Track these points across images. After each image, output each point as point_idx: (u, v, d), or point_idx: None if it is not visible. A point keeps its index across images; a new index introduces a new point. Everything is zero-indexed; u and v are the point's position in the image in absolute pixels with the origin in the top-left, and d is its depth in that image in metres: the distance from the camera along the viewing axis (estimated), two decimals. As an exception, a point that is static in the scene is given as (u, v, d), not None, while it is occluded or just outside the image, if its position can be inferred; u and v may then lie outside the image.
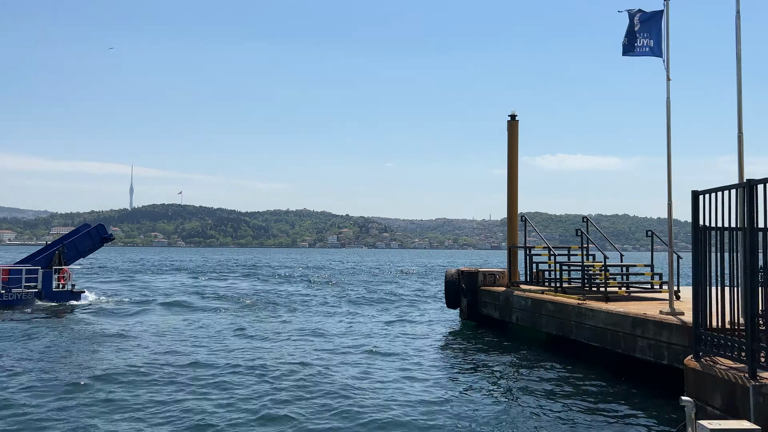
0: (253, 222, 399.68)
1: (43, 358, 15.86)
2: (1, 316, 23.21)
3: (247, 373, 14.20)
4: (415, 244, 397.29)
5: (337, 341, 19.19)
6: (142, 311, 27.37)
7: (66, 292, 27.82)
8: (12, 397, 11.81)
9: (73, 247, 29.55)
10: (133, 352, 16.80)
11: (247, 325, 22.51)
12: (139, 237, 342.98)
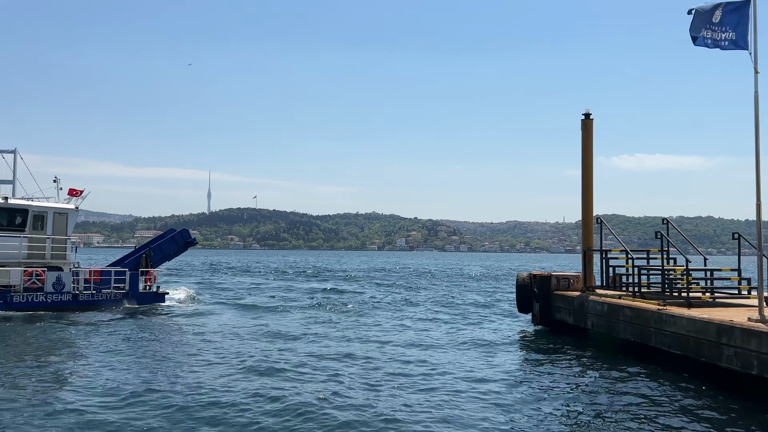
0: (323, 225, 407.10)
1: (133, 353, 16.87)
2: (93, 316, 24.70)
3: (318, 371, 14.57)
4: (485, 247, 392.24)
5: (407, 344, 19.29)
6: (221, 311, 28.56)
7: (151, 293, 29.00)
8: (109, 392, 12.64)
9: (159, 251, 30.94)
10: (216, 348, 17.60)
11: (320, 327, 23.03)
12: (217, 240, 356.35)
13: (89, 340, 18.92)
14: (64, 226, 27.12)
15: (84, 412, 10.96)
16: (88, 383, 13.23)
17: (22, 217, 26.07)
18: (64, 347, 17.79)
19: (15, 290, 24.89)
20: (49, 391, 12.48)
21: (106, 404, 11.53)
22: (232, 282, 50.90)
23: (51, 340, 18.85)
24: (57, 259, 26.75)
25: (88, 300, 26.64)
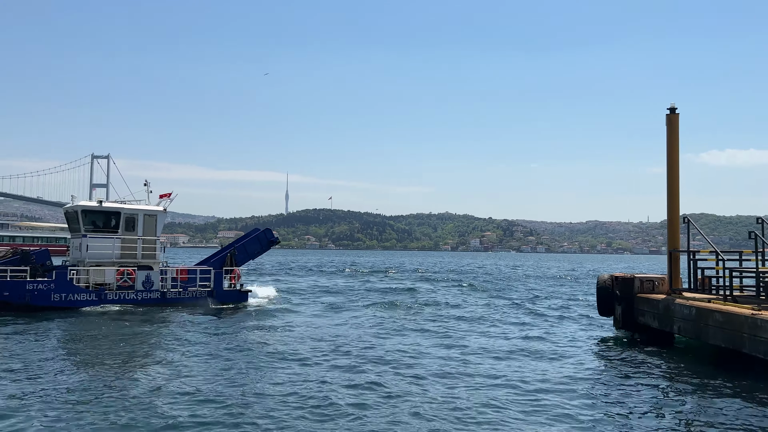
0: (397, 225, 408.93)
1: (219, 348, 17.57)
2: (180, 313, 25.86)
3: (399, 370, 14.65)
4: (563, 248, 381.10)
5: (488, 346, 19.07)
6: (304, 308, 29.44)
7: (235, 291, 29.83)
8: (204, 386, 13.26)
9: (243, 250, 31.82)
10: (297, 342, 18.09)
11: (401, 326, 23.14)
12: (294, 240, 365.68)
13: (177, 337, 19.83)
14: (154, 227, 28.54)
15: (173, 408, 11.53)
16: (174, 379, 13.90)
17: (115, 220, 27.67)
18: (152, 342, 18.78)
19: (109, 288, 26.57)
20: (138, 386, 13.20)
21: (193, 399, 12.07)
22: (311, 281, 51.99)
23: (140, 336, 19.94)
24: (147, 258, 28.20)
25: (174, 298, 27.94)
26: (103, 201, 28.88)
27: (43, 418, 10.50)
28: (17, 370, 14.20)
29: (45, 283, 25.19)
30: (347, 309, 29.52)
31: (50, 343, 18.17)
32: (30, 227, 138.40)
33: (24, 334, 19.53)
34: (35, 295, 24.95)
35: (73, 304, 25.49)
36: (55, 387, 12.65)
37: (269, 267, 79.92)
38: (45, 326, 21.26)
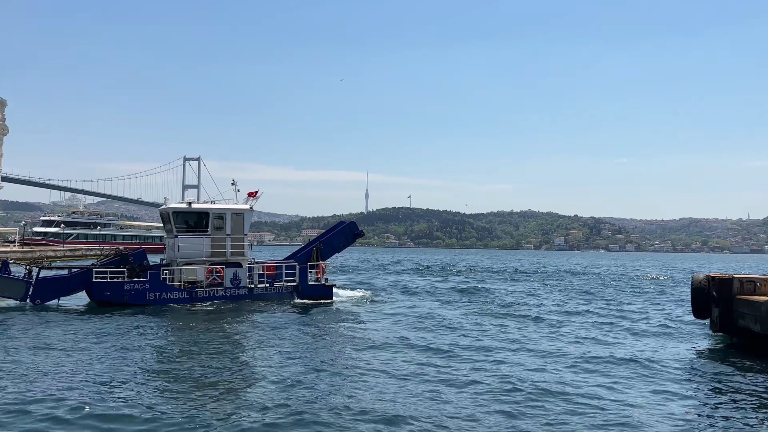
0: (477, 224, 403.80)
1: (310, 341, 18.07)
2: (267, 308, 26.61)
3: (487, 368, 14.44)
4: (654, 247, 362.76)
5: (579, 347, 18.47)
6: (386, 303, 29.82)
7: (320, 286, 30.23)
8: (290, 377, 13.64)
9: (328, 244, 32.45)
10: (383, 337, 18.24)
11: (479, 324, 22.84)
12: (374, 238, 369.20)
13: (265, 331, 20.49)
14: (241, 225, 29.43)
15: (263, 402, 11.93)
16: (266, 373, 14.36)
17: (204, 219, 28.73)
18: (241, 337, 19.49)
19: (199, 286, 27.73)
20: (229, 380, 13.73)
21: (280, 393, 12.44)
22: (391, 278, 52.22)
23: (230, 331, 20.76)
24: (236, 256, 29.11)
25: (261, 293, 28.80)
26: (193, 202, 30.16)
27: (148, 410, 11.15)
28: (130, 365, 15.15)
29: (140, 283, 26.62)
30: (429, 306, 29.41)
31: (147, 339, 19.25)
32: (129, 226, 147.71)
33: (126, 330, 20.84)
34: (132, 294, 26.43)
35: (166, 302, 26.77)
36: (156, 381, 13.40)
37: (351, 263, 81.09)
38: (143, 324, 22.57)
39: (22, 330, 19.61)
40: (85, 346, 16.77)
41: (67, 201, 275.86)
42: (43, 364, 14.45)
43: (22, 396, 11.58)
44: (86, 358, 15.13)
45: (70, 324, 21.12)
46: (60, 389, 12.08)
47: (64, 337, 18.36)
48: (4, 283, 25.79)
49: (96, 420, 10.30)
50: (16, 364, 14.35)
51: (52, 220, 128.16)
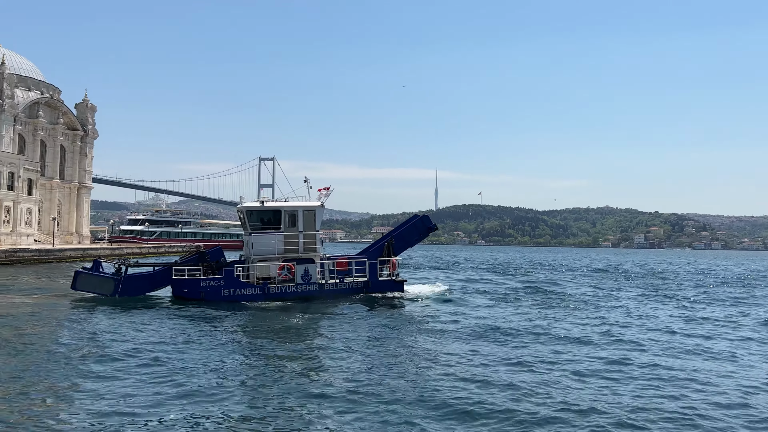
0: (551, 221, 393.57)
1: (378, 337, 17.81)
2: (338, 304, 26.68)
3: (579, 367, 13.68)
4: (743, 245, 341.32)
5: (699, 349, 17.32)
6: (458, 300, 29.24)
7: (390, 281, 30.01)
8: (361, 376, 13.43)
9: (401, 239, 32.02)
10: (458, 332, 17.78)
11: (557, 321, 21.89)
12: (444, 236, 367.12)
13: (337, 327, 20.38)
14: (313, 222, 29.66)
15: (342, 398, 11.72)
16: (344, 368, 14.19)
17: (277, 217, 29.15)
18: (315, 332, 19.47)
19: (271, 282, 28.15)
20: (304, 375, 13.64)
21: (358, 388, 12.21)
22: (463, 275, 51.49)
23: (303, 326, 20.83)
24: (308, 252, 29.36)
25: (332, 289, 28.87)
26: (266, 200, 30.73)
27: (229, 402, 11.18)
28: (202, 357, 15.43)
29: (216, 280, 27.46)
30: (504, 304, 28.56)
31: (224, 335, 19.59)
32: (208, 224, 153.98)
33: (203, 327, 21.34)
34: (208, 291, 27.27)
35: (240, 298, 27.34)
36: (238, 374, 13.50)
37: (422, 261, 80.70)
38: (218, 319, 23.06)
39: (134, 324, 20.42)
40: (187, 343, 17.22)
41: (151, 200, 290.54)
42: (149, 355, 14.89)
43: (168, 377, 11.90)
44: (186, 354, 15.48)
45: (169, 323, 21.82)
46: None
47: (176, 336, 18.93)
48: (96, 280, 27.53)
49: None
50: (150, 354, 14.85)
51: (137, 219, 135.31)
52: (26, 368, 13.58)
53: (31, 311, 23.29)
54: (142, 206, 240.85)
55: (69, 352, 15.48)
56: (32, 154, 78.33)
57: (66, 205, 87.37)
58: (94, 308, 24.56)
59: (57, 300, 27.28)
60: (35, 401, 11.14)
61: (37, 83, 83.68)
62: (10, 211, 67.55)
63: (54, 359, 14.63)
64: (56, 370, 13.51)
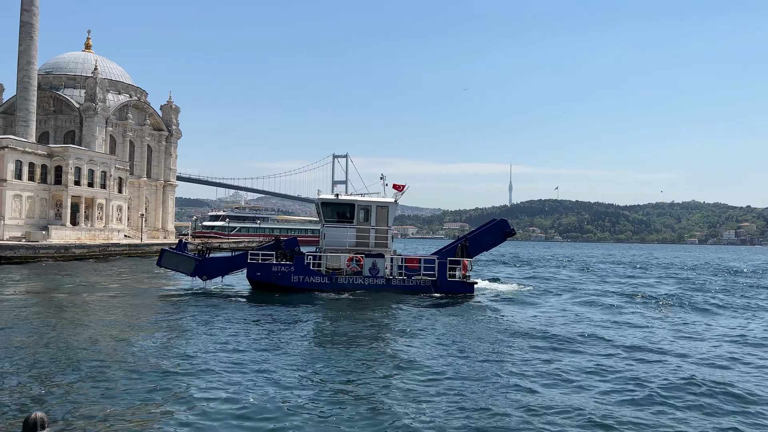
0: (632, 216, 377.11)
1: (448, 337, 17.68)
2: (404, 300, 26.53)
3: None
4: None
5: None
6: (534, 300, 28.38)
7: (460, 282, 29.46)
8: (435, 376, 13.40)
9: (476, 242, 31.67)
10: (532, 335, 17.37)
11: (658, 325, 20.96)
12: (519, 232, 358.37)
13: (403, 322, 20.45)
14: (386, 217, 30.02)
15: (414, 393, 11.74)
16: (412, 363, 14.20)
17: (350, 211, 29.83)
18: (381, 327, 19.57)
19: (340, 273, 28.81)
20: (373, 366, 13.74)
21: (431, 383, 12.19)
22: (541, 273, 50.30)
23: (372, 319, 20.95)
24: (379, 247, 29.72)
25: (399, 285, 28.92)
26: (340, 194, 31.31)
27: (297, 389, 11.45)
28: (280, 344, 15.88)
29: (287, 266, 28.85)
30: (584, 304, 27.61)
31: (295, 322, 20.04)
32: (285, 220, 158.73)
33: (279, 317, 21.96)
34: (278, 275, 28.72)
35: (308, 285, 28.38)
36: (301, 362, 13.81)
37: (499, 258, 79.45)
38: (290, 306, 23.64)
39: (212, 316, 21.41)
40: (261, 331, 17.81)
41: (231, 197, 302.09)
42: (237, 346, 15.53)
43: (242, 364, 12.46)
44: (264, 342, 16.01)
45: (240, 313, 22.66)
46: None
47: (241, 325, 19.68)
48: (179, 258, 29.81)
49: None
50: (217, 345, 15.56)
51: (218, 215, 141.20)
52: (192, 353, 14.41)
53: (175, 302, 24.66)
54: (223, 203, 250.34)
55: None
56: (122, 154, 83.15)
57: (153, 202, 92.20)
58: (181, 301, 25.79)
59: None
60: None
61: (126, 87, 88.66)
62: (103, 208, 72.07)
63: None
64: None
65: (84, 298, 25.98)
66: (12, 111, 77.88)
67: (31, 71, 71.40)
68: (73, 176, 66.89)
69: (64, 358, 13.94)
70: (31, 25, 71.54)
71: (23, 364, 13.22)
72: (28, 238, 56.88)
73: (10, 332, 17.02)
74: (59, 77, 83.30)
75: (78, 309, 22.63)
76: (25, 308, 22.62)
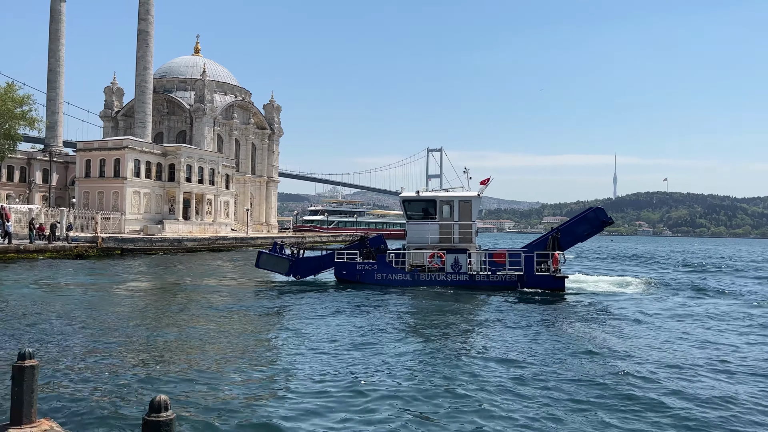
0: (751, 209, 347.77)
1: (530, 338, 16.94)
2: (490, 296, 25.84)
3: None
4: None
5: None
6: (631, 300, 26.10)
7: (548, 277, 27.81)
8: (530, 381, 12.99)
9: (569, 232, 29.96)
10: (635, 336, 16.51)
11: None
12: (624, 226, 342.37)
13: (489, 320, 19.77)
14: (469, 212, 29.48)
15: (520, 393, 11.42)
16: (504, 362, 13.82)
17: (432, 207, 29.66)
18: (469, 324, 19.13)
19: (422, 270, 28.72)
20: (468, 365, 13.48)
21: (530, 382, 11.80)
22: (641, 271, 47.51)
23: (460, 316, 20.60)
24: (464, 242, 29.25)
25: (483, 281, 28.21)
26: (420, 191, 31.11)
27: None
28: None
29: (370, 264, 29.60)
30: (689, 307, 25.52)
31: (386, 316, 20.13)
32: (380, 214, 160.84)
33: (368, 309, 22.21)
34: (363, 273, 29.58)
35: (391, 282, 28.74)
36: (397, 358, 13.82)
37: (594, 253, 76.07)
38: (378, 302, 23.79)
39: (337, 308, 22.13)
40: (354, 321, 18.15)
41: (329, 192, 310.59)
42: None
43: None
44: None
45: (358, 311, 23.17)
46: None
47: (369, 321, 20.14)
48: (274, 259, 31.40)
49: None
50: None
51: (317, 210, 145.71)
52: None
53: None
54: (321, 198, 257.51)
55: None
56: (228, 152, 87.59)
57: (257, 198, 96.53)
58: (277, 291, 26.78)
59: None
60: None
61: (231, 87, 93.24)
62: (212, 203, 76.38)
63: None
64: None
65: (202, 286, 27.99)
66: (131, 113, 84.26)
67: (147, 76, 76.89)
68: (185, 174, 71.33)
69: (185, 342, 14.82)
70: (147, 33, 77.00)
71: (147, 347, 14.20)
72: (145, 231, 61.30)
73: (135, 316, 18.37)
74: (171, 80, 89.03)
75: (196, 296, 24.20)
76: (151, 296, 24.41)
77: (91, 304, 21.59)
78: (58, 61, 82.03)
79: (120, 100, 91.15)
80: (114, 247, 49.26)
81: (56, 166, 79.19)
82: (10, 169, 74.66)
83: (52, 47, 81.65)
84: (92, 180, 67.32)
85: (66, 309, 19.90)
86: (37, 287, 26.18)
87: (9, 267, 34.92)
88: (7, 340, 14.63)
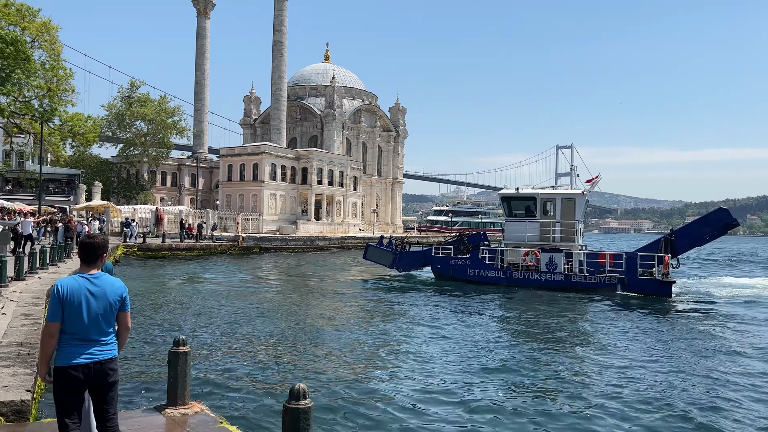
0: None
1: (638, 346, 15.76)
2: (585, 298, 24.37)
3: None
4: None
5: None
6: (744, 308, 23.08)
7: (653, 281, 25.47)
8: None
9: (685, 235, 27.18)
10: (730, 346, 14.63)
11: None
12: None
13: (589, 324, 18.51)
14: (572, 210, 28.18)
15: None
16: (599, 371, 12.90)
17: (532, 205, 28.86)
18: (564, 326, 17.99)
19: (515, 268, 28.16)
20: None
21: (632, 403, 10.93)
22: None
23: (556, 317, 19.38)
24: (566, 242, 28.04)
25: (579, 282, 26.58)
26: (520, 188, 30.12)
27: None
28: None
29: (463, 260, 29.88)
30: None
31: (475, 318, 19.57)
32: (500, 214, 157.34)
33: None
34: (456, 268, 30.02)
35: (483, 279, 28.77)
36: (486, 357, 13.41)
37: (727, 259, 68.83)
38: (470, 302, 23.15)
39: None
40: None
41: (452, 193, 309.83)
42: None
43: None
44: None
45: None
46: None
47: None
48: (380, 252, 33.64)
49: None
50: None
51: (441, 210, 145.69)
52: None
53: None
54: (445, 198, 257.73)
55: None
56: (356, 154, 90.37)
57: (383, 198, 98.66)
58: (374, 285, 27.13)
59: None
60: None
61: (358, 92, 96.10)
62: (341, 204, 79.28)
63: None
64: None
65: (334, 282, 29.91)
66: (267, 120, 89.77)
67: (282, 84, 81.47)
68: (316, 176, 74.72)
69: (321, 335, 15.48)
70: (281, 43, 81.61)
71: (285, 338, 15.00)
72: (281, 231, 64.94)
73: (274, 309, 19.53)
74: (303, 88, 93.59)
75: (328, 290, 25.59)
76: (288, 290, 25.87)
77: (236, 296, 23.28)
78: (204, 74, 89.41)
79: (257, 108, 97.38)
80: (253, 246, 52.66)
81: (202, 171, 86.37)
82: (163, 175, 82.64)
83: (198, 61, 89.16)
84: (234, 183, 72.58)
85: (213, 301, 21.60)
86: (188, 282, 28.64)
87: (164, 264, 38.56)
88: (167, 328, 16.12)
